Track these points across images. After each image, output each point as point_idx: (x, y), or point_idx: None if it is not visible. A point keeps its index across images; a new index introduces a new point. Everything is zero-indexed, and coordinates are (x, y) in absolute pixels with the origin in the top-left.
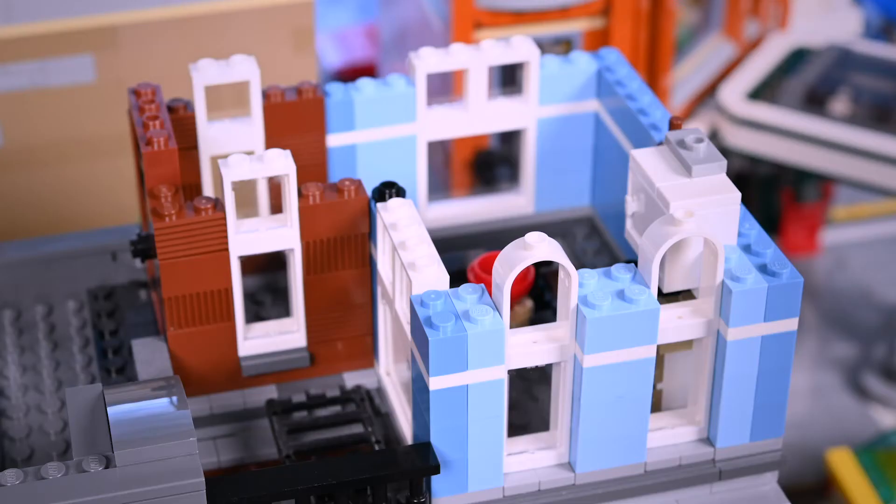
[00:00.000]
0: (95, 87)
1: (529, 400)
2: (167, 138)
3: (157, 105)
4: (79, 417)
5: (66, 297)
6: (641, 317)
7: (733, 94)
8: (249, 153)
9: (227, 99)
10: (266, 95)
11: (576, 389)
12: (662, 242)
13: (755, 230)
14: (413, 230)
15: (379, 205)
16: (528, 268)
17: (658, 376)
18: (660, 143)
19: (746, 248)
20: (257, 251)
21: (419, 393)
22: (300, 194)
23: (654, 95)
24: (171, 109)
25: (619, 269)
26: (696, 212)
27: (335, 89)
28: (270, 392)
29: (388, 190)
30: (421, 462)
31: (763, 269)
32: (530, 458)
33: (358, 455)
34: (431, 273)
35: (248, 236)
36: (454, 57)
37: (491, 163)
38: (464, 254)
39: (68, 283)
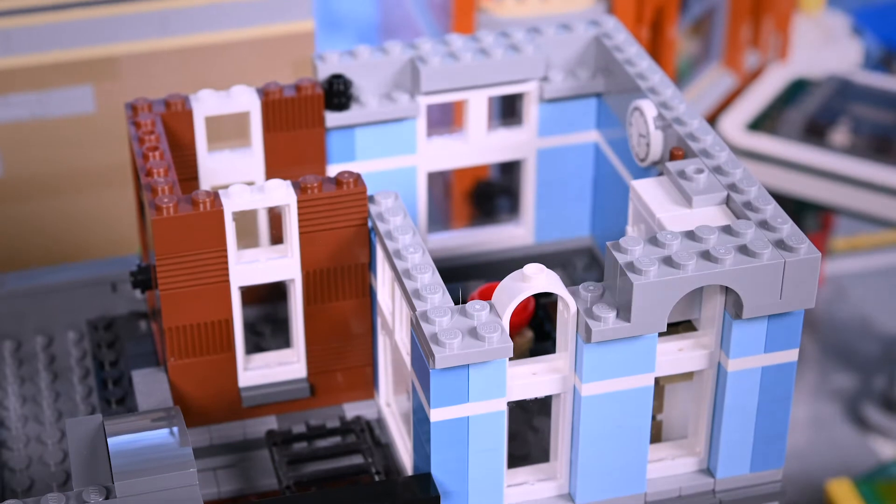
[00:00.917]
0: (95, 118)
1: (530, 431)
2: (172, 187)
3: (156, 136)
4: (79, 448)
5: (66, 328)
6: (639, 345)
7: (733, 124)
8: (250, 184)
9: (227, 129)
10: (265, 93)
11: (575, 419)
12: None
13: None
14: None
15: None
16: (528, 298)
17: (658, 407)
18: (660, 174)
19: None
20: (258, 282)
21: (420, 424)
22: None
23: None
24: (167, 105)
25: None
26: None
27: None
28: (270, 423)
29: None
30: (421, 493)
31: None
32: (530, 490)
33: (358, 486)
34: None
35: (249, 267)
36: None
37: (491, 193)
38: (463, 284)
39: (68, 314)
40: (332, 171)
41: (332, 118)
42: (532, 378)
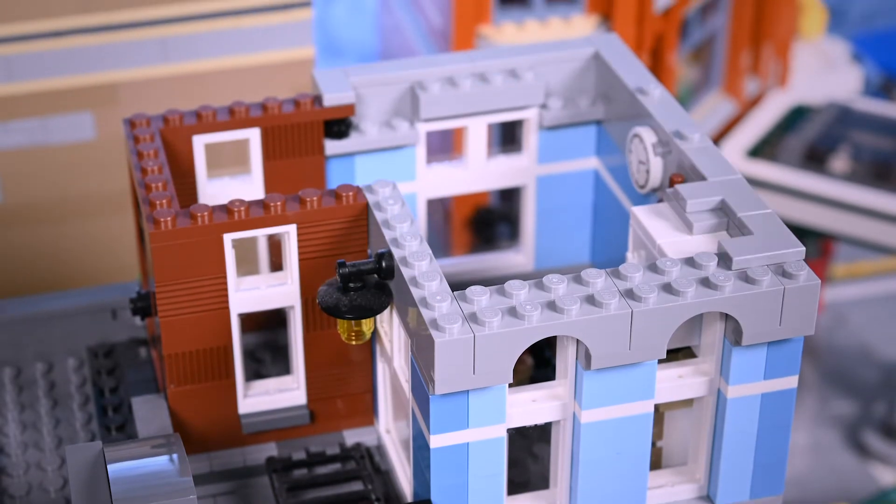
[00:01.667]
0: (95, 145)
1: (529, 457)
2: (170, 200)
3: (155, 150)
4: (79, 475)
5: (66, 355)
6: (639, 372)
7: (733, 151)
8: None
9: (227, 156)
10: (264, 108)
11: (575, 446)
12: None
13: None
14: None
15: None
16: None
17: (658, 434)
18: (660, 201)
19: None
20: (257, 309)
21: (419, 451)
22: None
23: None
24: (165, 121)
25: None
26: None
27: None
28: (270, 449)
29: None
30: None
31: None
32: None
33: None
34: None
35: (248, 294)
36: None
37: (490, 220)
38: None
39: (68, 341)
40: None
41: (332, 146)
42: (532, 405)
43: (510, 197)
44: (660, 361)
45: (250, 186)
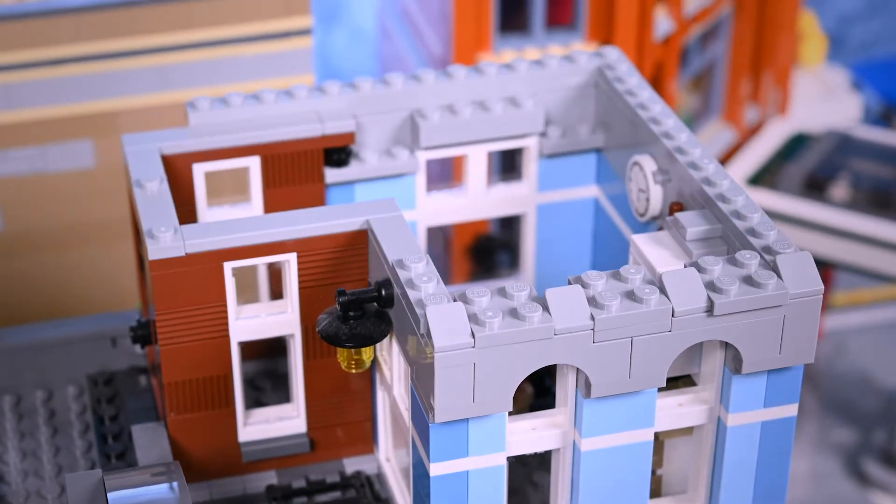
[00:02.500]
0: (95, 173)
1: (529, 486)
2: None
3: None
4: (79, 503)
5: (66, 383)
6: (639, 400)
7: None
8: None
9: (227, 184)
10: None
11: (575, 474)
12: None
13: None
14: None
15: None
16: None
17: (657, 462)
18: (660, 229)
19: None
20: (258, 337)
21: (419, 479)
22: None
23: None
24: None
25: None
26: None
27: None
28: (270, 478)
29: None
30: None
31: None
32: None
33: None
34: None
35: (249, 322)
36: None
37: (491, 248)
38: None
39: (68, 369)
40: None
41: (332, 174)
42: (532, 433)
43: (510, 225)
44: (660, 389)
45: (250, 214)
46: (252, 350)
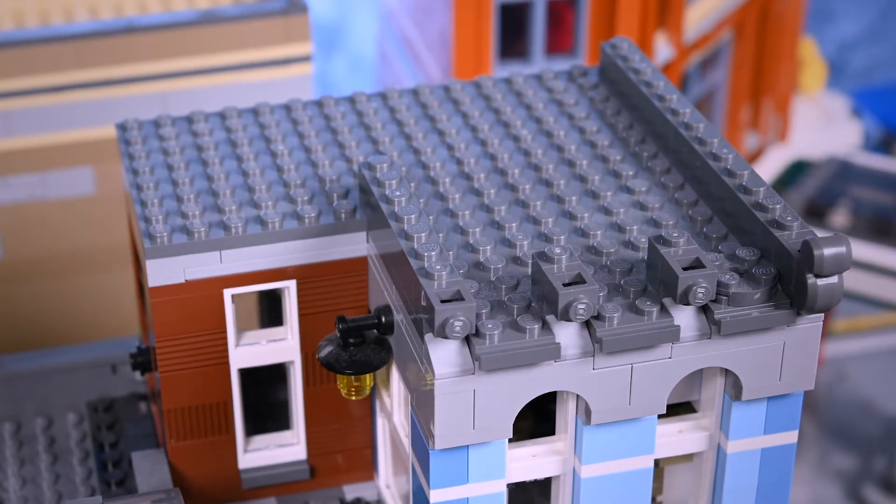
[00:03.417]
0: (95, 199)
1: None
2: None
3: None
4: None
5: (66, 410)
6: (639, 427)
7: None
8: None
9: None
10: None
11: (575, 501)
12: None
13: None
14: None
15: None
16: None
17: (658, 489)
18: None
19: None
20: (257, 364)
21: None
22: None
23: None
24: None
25: None
26: None
27: None
28: None
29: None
30: None
31: None
32: None
33: None
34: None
35: (249, 349)
36: None
37: None
38: None
39: (68, 396)
40: None
41: None
42: (532, 459)
43: None
44: (660, 416)
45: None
46: (252, 376)
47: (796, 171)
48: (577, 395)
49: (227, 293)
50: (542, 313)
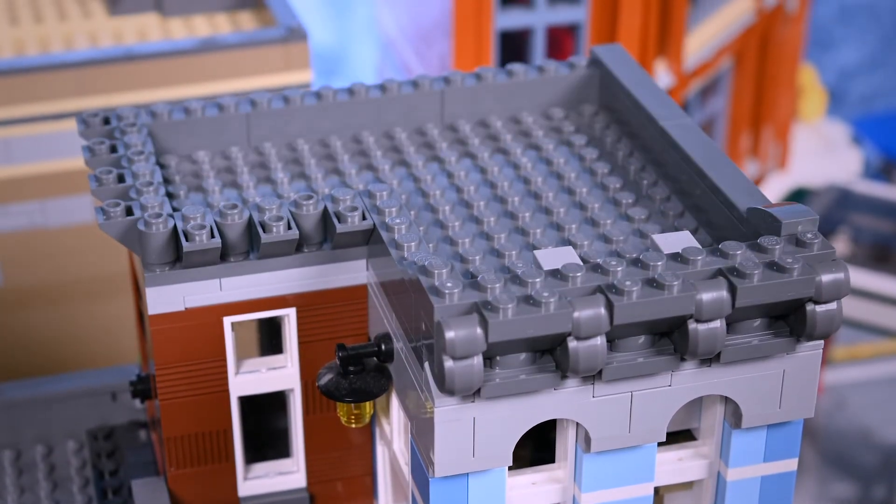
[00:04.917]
0: (95, 227)
1: None
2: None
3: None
4: None
5: (66, 438)
6: (639, 454)
7: None
8: None
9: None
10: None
11: None
12: None
13: None
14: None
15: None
16: None
17: None
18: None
19: None
20: (257, 391)
21: None
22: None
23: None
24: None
25: None
26: None
27: None
28: None
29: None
30: None
31: None
32: None
33: None
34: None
35: (248, 377)
36: None
37: None
38: None
39: (68, 424)
40: None
41: None
42: (532, 487)
43: None
44: (659, 444)
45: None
46: (252, 404)
47: (796, 199)
48: (577, 423)
49: (227, 321)
50: None
